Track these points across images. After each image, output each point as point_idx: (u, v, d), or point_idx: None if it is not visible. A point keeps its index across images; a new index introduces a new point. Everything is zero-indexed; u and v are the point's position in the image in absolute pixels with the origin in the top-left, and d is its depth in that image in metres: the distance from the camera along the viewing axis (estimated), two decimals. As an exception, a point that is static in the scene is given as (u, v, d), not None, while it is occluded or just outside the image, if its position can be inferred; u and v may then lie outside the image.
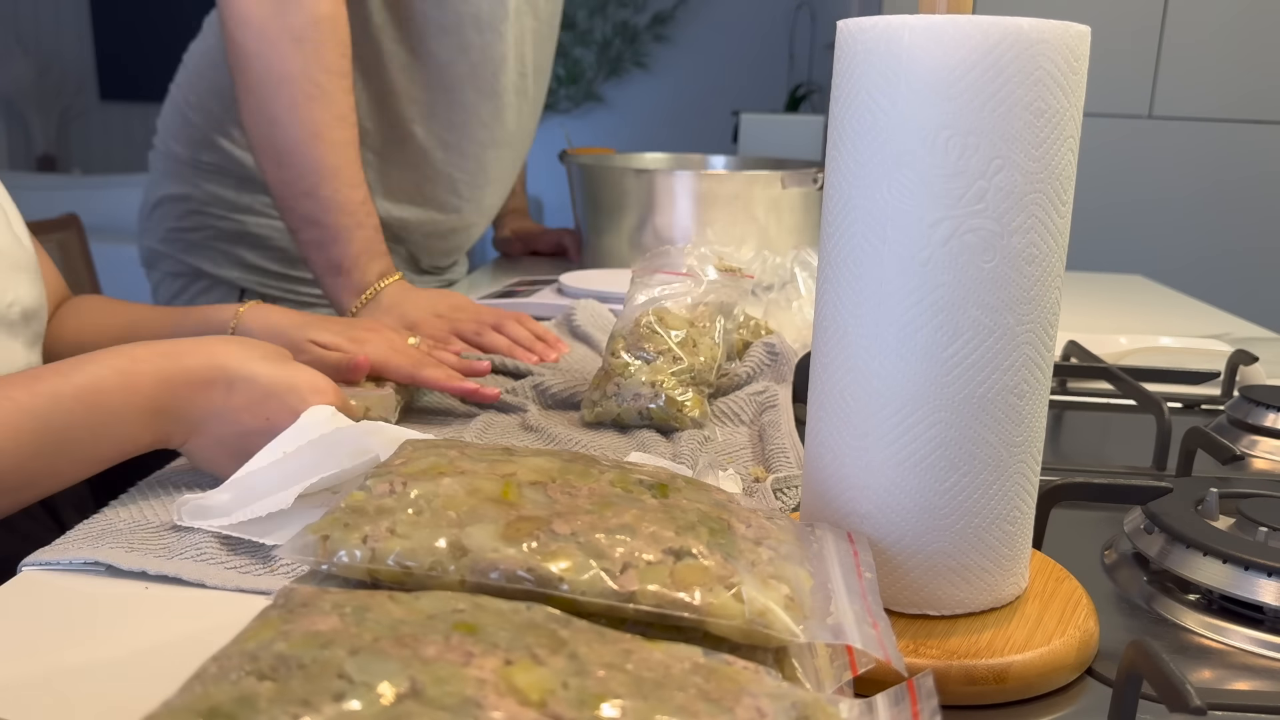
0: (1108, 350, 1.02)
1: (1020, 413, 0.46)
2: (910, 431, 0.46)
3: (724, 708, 0.31)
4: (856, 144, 0.46)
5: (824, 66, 3.79)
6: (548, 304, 1.15)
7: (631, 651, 0.33)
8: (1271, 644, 0.50)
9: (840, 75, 0.47)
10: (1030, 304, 0.45)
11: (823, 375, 0.49)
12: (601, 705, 0.30)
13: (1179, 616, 0.53)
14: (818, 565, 0.42)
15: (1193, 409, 0.91)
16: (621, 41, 4.43)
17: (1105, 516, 0.64)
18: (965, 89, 0.43)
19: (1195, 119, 2.13)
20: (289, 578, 0.53)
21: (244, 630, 0.33)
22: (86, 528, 0.58)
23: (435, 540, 0.38)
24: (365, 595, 0.35)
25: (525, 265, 1.52)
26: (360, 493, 0.41)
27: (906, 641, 0.46)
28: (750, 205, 1.32)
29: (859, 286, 0.46)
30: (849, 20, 0.46)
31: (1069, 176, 0.45)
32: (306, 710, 0.28)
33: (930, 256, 0.44)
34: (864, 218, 0.46)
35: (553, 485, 0.42)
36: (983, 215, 0.44)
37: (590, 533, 0.38)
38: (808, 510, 0.52)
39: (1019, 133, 0.43)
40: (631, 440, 0.76)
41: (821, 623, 0.37)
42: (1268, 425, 0.78)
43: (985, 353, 0.45)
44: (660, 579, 0.37)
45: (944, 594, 0.47)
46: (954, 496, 0.46)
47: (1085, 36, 0.44)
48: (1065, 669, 0.46)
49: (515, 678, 0.31)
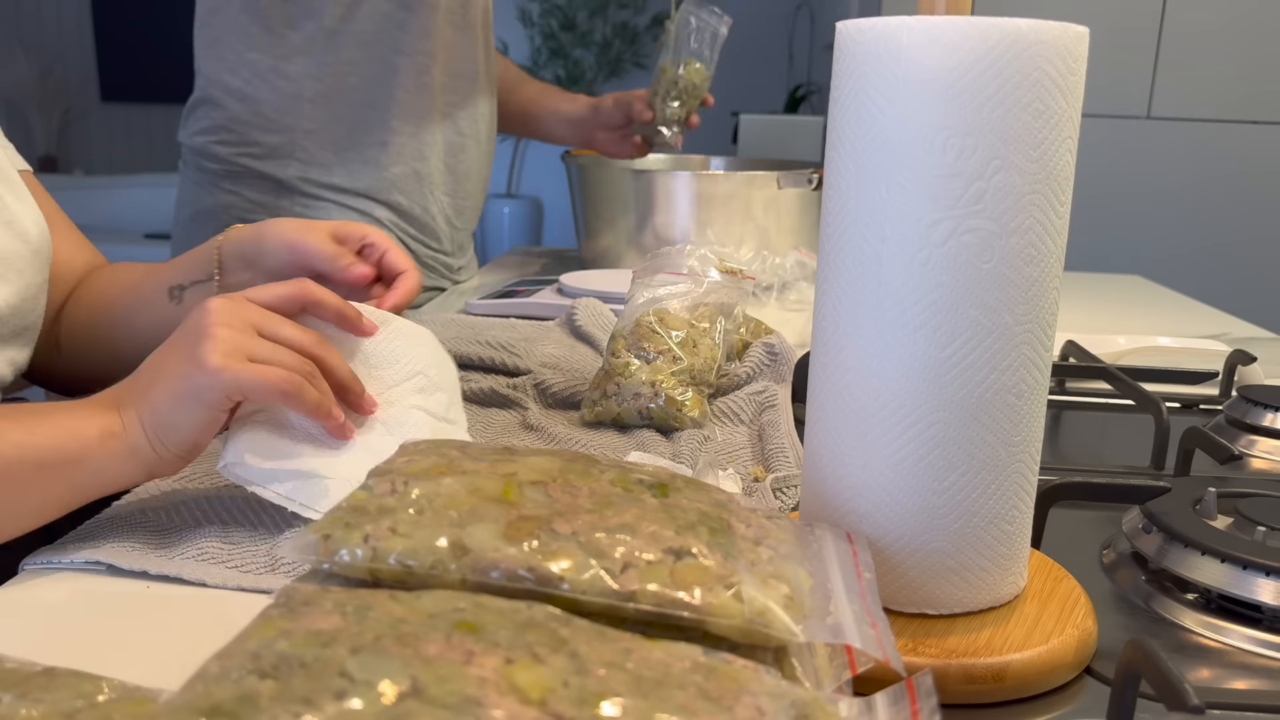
0: (1106, 350, 1.02)
1: (1019, 412, 0.47)
2: (909, 431, 0.46)
3: (724, 706, 0.31)
4: (855, 145, 0.46)
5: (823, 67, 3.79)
6: (548, 304, 1.15)
7: (632, 650, 0.33)
8: (1269, 643, 0.50)
9: (839, 76, 0.47)
10: (1028, 304, 0.45)
11: (822, 375, 0.49)
12: (602, 704, 0.30)
13: (1177, 616, 0.53)
14: (817, 565, 0.42)
15: (1191, 409, 0.91)
16: (622, 42, 4.43)
17: (1104, 516, 0.64)
18: (964, 90, 0.43)
19: (1193, 120, 2.13)
20: (290, 577, 0.53)
21: (245, 629, 0.33)
22: (88, 527, 0.58)
23: (436, 539, 0.38)
24: (367, 594, 0.35)
25: (525, 265, 1.52)
26: (362, 492, 0.41)
27: (905, 640, 0.46)
28: (749, 206, 1.33)
29: (858, 287, 0.46)
30: (848, 21, 0.46)
31: (1067, 177, 0.46)
32: (308, 709, 0.29)
33: (929, 257, 0.44)
34: (863, 218, 0.46)
35: (553, 485, 0.42)
36: (981, 216, 0.44)
37: (591, 532, 0.38)
38: (807, 510, 0.52)
39: (1017, 133, 0.43)
40: (631, 440, 0.76)
41: (821, 622, 0.38)
42: (1266, 425, 0.78)
43: (984, 353, 0.45)
44: (660, 578, 0.37)
45: (943, 593, 0.48)
46: (952, 496, 0.46)
47: (1083, 38, 0.45)
48: (1064, 668, 0.46)
49: (516, 676, 0.31)
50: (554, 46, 4.42)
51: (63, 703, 0.35)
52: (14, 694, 0.35)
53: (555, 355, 0.96)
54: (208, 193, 1.21)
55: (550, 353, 0.96)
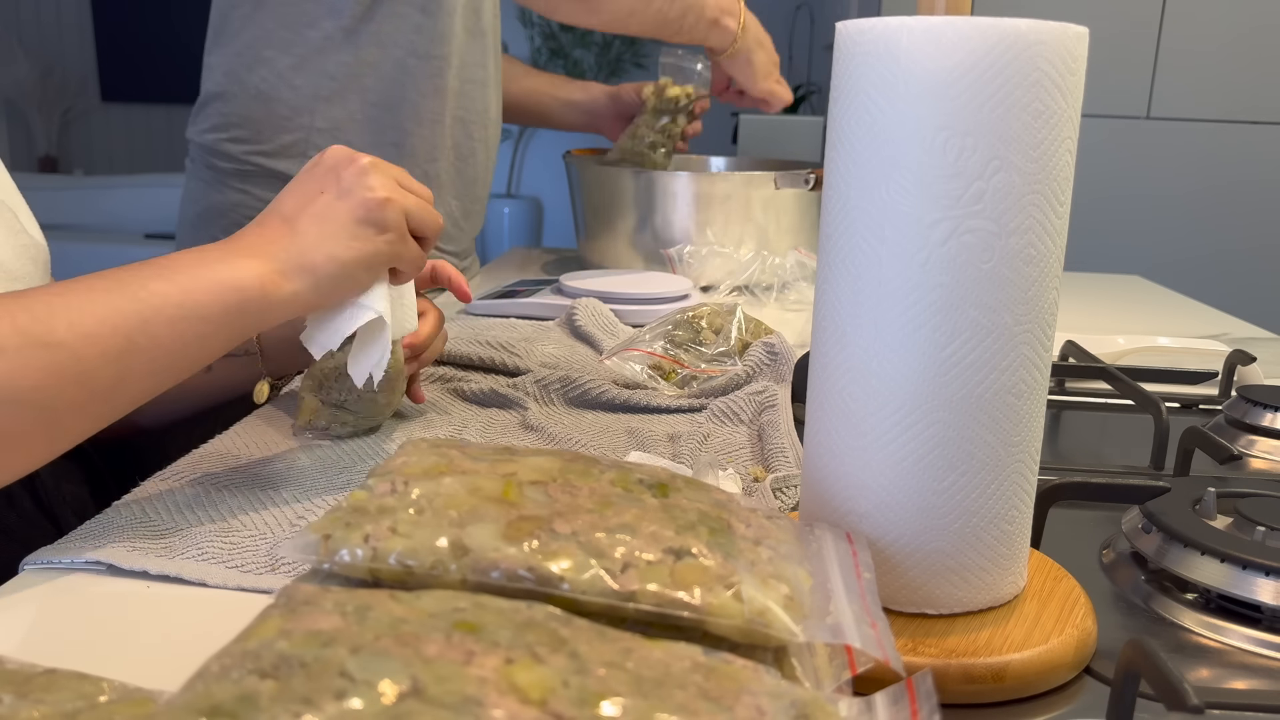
0: (1106, 350, 1.02)
1: (1018, 412, 0.47)
2: (909, 431, 0.46)
3: (724, 706, 0.31)
4: (855, 145, 0.46)
5: (823, 67, 3.79)
6: (548, 304, 1.15)
7: (632, 650, 0.33)
8: (1269, 643, 0.50)
9: (839, 76, 0.47)
10: (1028, 304, 0.45)
11: (821, 375, 0.49)
12: (602, 704, 0.30)
13: (1177, 615, 0.53)
14: (817, 565, 0.42)
15: (1190, 409, 0.91)
16: (621, 43, 4.43)
17: (1103, 516, 0.64)
18: (963, 90, 0.43)
19: (1193, 120, 2.13)
20: (290, 577, 0.53)
21: (246, 629, 0.33)
22: (88, 527, 0.58)
23: (436, 539, 0.38)
24: (367, 594, 0.35)
25: (525, 265, 1.52)
26: (362, 492, 0.41)
27: (905, 640, 0.46)
28: (748, 206, 1.33)
29: (858, 287, 0.46)
30: (848, 22, 0.46)
31: (1067, 177, 0.46)
32: (308, 709, 0.29)
33: (928, 257, 0.44)
34: (862, 218, 0.46)
35: (553, 485, 0.42)
36: (981, 216, 0.44)
37: (591, 532, 0.38)
38: (806, 510, 0.52)
39: (1017, 134, 0.43)
40: (631, 440, 0.76)
41: (820, 622, 0.38)
42: (1265, 425, 0.78)
43: (983, 353, 0.45)
44: (660, 578, 0.37)
45: (942, 593, 0.48)
46: (952, 496, 0.46)
47: (1083, 38, 0.45)
48: (1063, 668, 0.46)
49: (516, 676, 0.31)
50: (554, 46, 4.42)
51: (64, 704, 0.35)
52: (15, 695, 0.35)
53: (555, 355, 0.96)
54: (216, 191, 1.21)
55: (550, 353, 0.96)
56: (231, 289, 0.56)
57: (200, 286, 0.55)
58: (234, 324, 0.56)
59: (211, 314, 0.55)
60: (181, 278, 0.55)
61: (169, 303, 0.54)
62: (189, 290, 0.55)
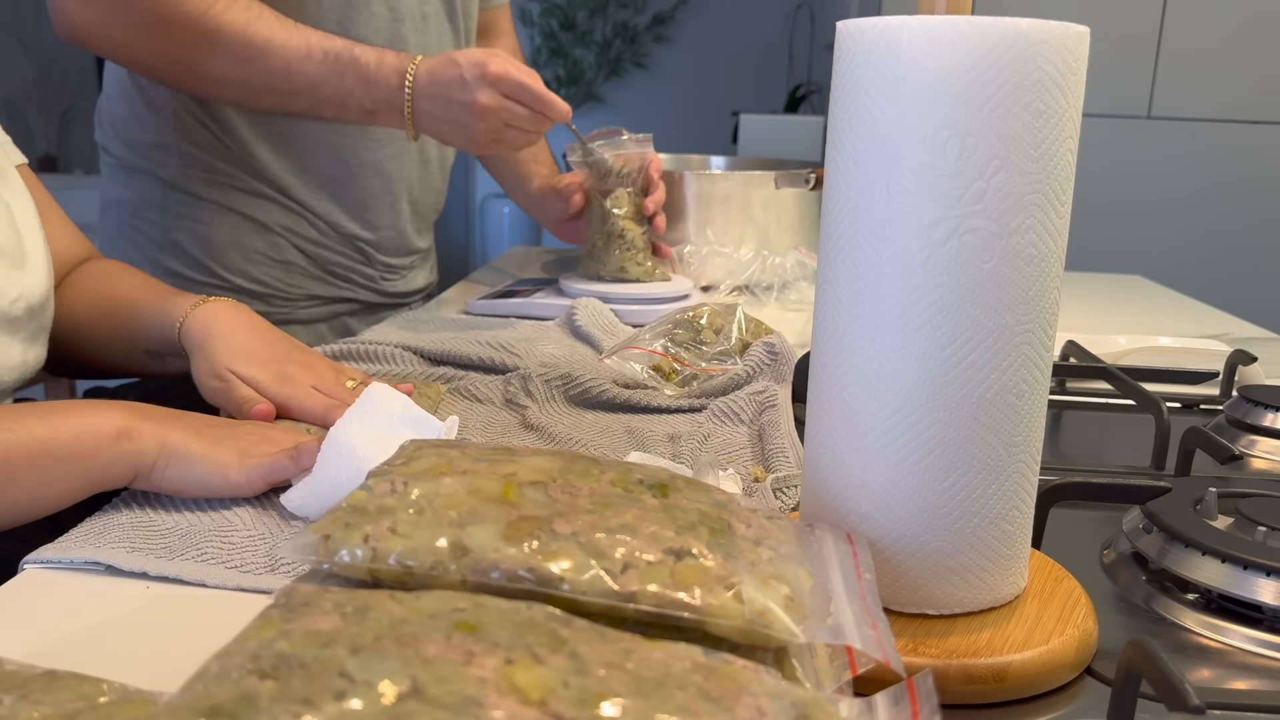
0: (1106, 350, 1.02)
1: (1019, 412, 0.47)
2: (909, 431, 0.46)
3: (724, 707, 0.31)
4: (856, 144, 0.46)
5: (823, 67, 3.79)
6: (548, 304, 1.15)
7: (632, 651, 0.33)
8: (1270, 643, 0.50)
9: (839, 76, 0.47)
10: (1029, 304, 0.45)
11: (822, 375, 0.49)
12: (602, 704, 0.30)
13: (1178, 616, 0.53)
14: (817, 565, 0.42)
15: (1191, 409, 0.91)
16: (621, 42, 4.43)
17: (1104, 516, 0.64)
18: (964, 90, 0.43)
19: (1194, 119, 2.13)
20: (290, 577, 0.53)
21: (245, 629, 0.33)
22: (88, 527, 0.58)
23: (436, 540, 0.38)
24: (366, 594, 0.35)
25: (525, 265, 1.52)
26: (362, 492, 0.41)
27: (905, 641, 0.46)
28: (748, 205, 1.33)
29: (858, 286, 0.46)
30: (848, 21, 0.46)
31: (1068, 177, 0.46)
32: (308, 709, 0.29)
33: (929, 257, 0.44)
34: (863, 218, 0.46)
35: (553, 485, 0.42)
36: (981, 215, 0.44)
37: (591, 532, 0.38)
38: (807, 510, 0.52)
39: (1018, 133, 0.43)
40: (632, 440, 0.76)
41: (821, 623, 0.38)
42: (1266, 425, 0.78)
43: (984, 353, 0.45)
44: (660, 579, 0.37)
45: (943, 593, 0.48)
46: (953, 496, 0.46)
47: (1084, 37, 0.44)
48: (1064, 668, 0.46)
49: (516, 677, 0.31)
50: (554, 46, 4.42)
51: (64, 705, 0.35)
52: (15, 696, 0.35)
53: (555, 355, 0.96)
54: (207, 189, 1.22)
55: (550, 353, 0.96)
56: (89, 432, 0.58)
57: (65, 426, 0.58)
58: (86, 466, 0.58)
59: (64, 453, 0.57)
60: (53, 418, 0.58)
61: (32, 437, 0.57)
62: (55, 428, 0.58)
